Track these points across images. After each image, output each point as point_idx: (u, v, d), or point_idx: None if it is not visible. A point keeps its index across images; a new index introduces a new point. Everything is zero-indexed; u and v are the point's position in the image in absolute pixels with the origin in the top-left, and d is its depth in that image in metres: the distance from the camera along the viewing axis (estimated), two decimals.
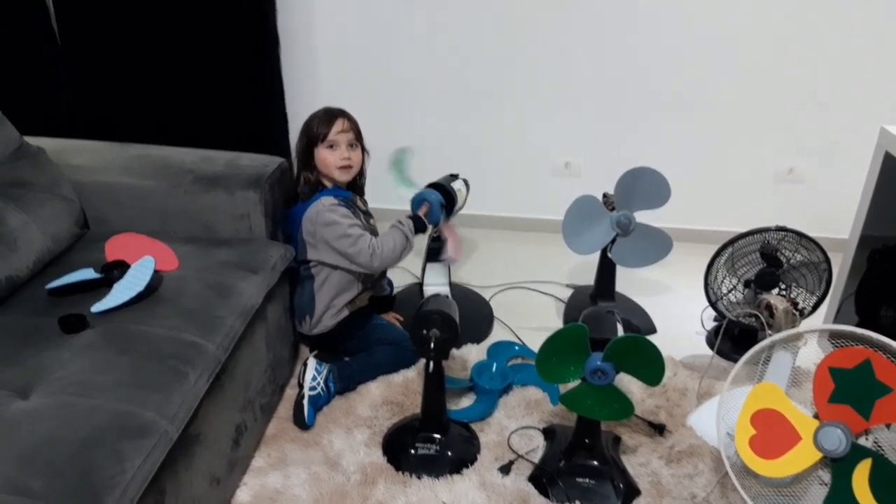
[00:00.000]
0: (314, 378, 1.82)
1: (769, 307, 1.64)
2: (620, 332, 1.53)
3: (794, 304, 1.67)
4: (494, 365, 1.95)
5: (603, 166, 2.72)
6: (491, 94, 2.65)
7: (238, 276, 1.61)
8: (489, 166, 2.77)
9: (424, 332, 1.57)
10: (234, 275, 1.61)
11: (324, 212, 1.82)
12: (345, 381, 1.88)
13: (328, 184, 1.92)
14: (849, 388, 1.29)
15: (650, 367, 1.43)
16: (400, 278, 2.48)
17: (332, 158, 1.87)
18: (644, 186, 2.01)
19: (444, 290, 2.30)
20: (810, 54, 2.46)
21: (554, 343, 1.44)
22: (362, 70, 2.64)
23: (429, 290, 2.28)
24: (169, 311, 1.45)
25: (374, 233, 1.95)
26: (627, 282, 2.40)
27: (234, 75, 2.51)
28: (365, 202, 2.03)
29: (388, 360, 1.95)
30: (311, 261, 1.88)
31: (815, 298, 1.99)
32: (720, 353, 2.16)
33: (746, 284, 2.02)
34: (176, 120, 2.59)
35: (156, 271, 1.55)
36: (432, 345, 1.56)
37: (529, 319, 2.30)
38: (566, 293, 2.47)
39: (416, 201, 2.00)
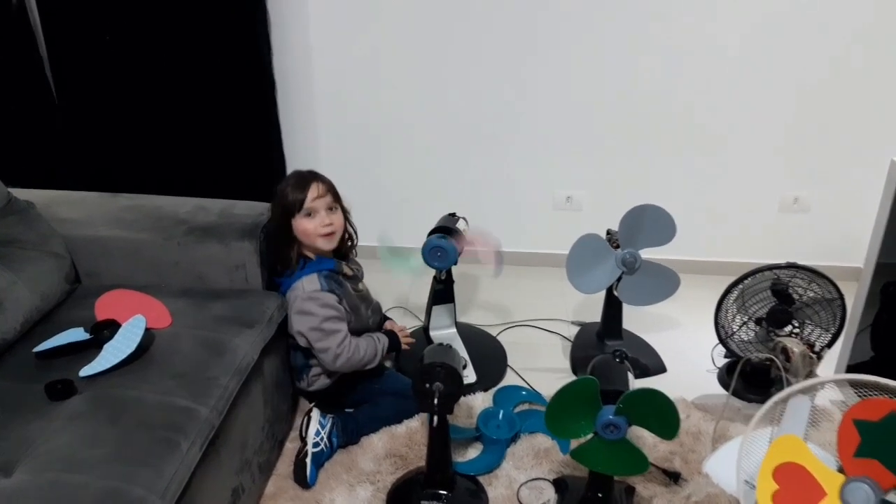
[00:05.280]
0: (318, 433, 1.75)
1: (785, 351, 1.59)
2: (632, 381, 1.46)
3: (811, 347, 1.61)
4: (501, 412, 1.88)
5: (605, 200, 2.69)
6: (491, 127, 2.61)
7: (233, 332, 1.55)
8: (489, 200, 2.73)
9: (427, 385, 1.50)
10: (228, 330, 1.56)
11: (304, 300, 1.73)
12: (349, 435, 1.81)
13: (311, 255, 1.81)
14: (875, 442, 1.22)
15: (664, 420, 1.37)
16: (402, 321, 2.41)
17: (311, 226, 1.75)
18: (649, 224, 1.96)
19: (451, 332, 2.24)
20: (814, 82, 2.42)
21: (563, 397, 1.38)
22: (358, 108, 2.60)
23: (434, 334, 2.22)
24: (160, 374, 1.39)
25: (366, 298, 1.89)
26: (634, 317, 2.34)
27: (230, 119, 2.47)
28: (355, 264, 1.95)
29: (394, 412, 1.88)
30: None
31: (829, 336, 1.93)
32: (733, 392, 2.09)
33: (758, 322, 1.96)
34: (170, 165, 2.55)
35: (147, 329, 1.49)
36: (436, 399, 1.49)
37: (535, 360, 2.24)
38: (572, 331, 2.41)
39: (429, 249, 1.95)
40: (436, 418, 1.55)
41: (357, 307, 1.85)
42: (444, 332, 2.25)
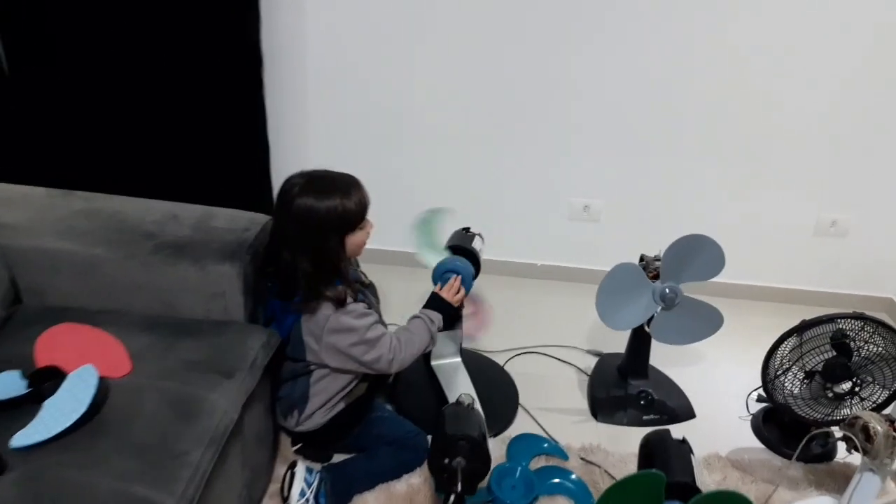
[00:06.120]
0: (303, 493, 1.48)
1: (866, 429, 1.36)
2: (695, 465, 1.21)
3: (892, 424, 1.39)
4: (518, 470, 1.62)
5: (625, 211, 2.44)
6: (502, 128, 2.31)
7: (208, 384, 1.26)
8: (499, 207, 2.45)
9: (447, 461, 1.24)
10: (202, 382, 1.26)
11: (338, 316, 1.45)
12: (338, 495, 1.54)
13: None
14: None
15: None
16: None
17: (364, 236, 1.50)
18: (700, 259, 1.71)
19: (455, 361, 1.97)
20: (858, 99, 2.18)
21: (623, 492, 1.12)
22: (356, 96, 2.28)
23: (436, 363, 1.95)
24: (115, 447, 1.10)
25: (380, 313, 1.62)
26: (653, 348, 2.08)
27: (207, 101, 2.12)
28: (360, 268, 1.68)
29: (392, 466, 1.61)
30: (309, 361, 1.53)
31: (887, 393, 1.70)
32: (768, 444, 1.89)
33: (808, 375, 1.72)
34: (135, 154, 2.19)
35: (100, 379, 1.19)
36: (459, 480, 1.22)
37: (549, 397, 1.99)
38: (587, 361, 2.16)
39: (442, 271, 1.67)
40: (453, 496, 1.28)
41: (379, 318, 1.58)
42: (447, 362, 1.97)
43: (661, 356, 2.08)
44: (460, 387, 1.89)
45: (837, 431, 1.69)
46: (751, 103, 2.21)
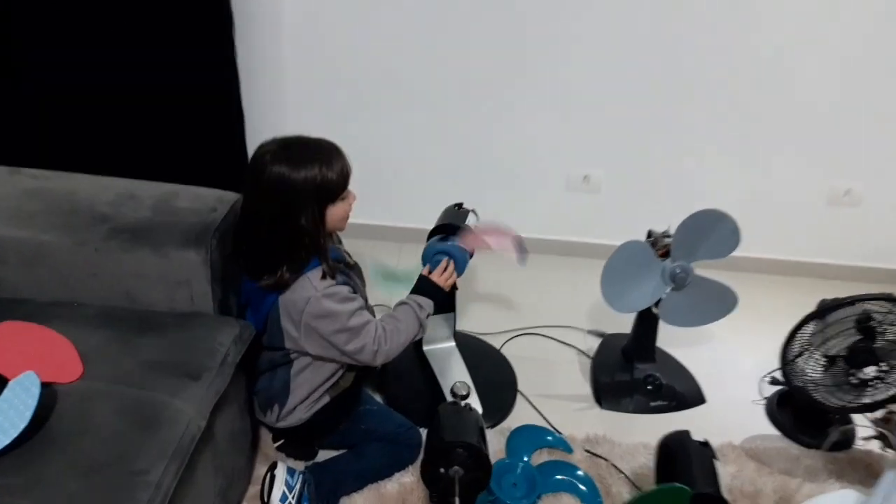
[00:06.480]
0: (284, 497, 1.35)
1: None
2: (720, 473, 1.09)
3: None
4: (520, 466, 1.50)
5: (628, 180, 2.29)
6: (496, 93, 2.14)
7: (171, 388, 1.11)
8: (493, 178, 2.30)
9: (443, 470, 1.10)
10: (164, 386, 1.12)
11: (319, 300, 1.29)
12: (324, 498, 1.41)
13: None
14: None
15: None
16: None
17: (347, 207, 1.35)
18: (714, 236, 1.57)
19: (449, 346, 1.84)
20: (869, 64, 2.03)
21: None
22: (338, 58, 2.10)
23: (428, 348, 1.82)
24: (63, 467, 0.96)
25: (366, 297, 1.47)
26: (661, 328, 1.95)
27: (172, 64, 1.92)
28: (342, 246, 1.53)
29: (382, 464, 1.49)
30: (288, 349, 1.38)
31: None
32: (784, 430, 1.77)
33: (831, 360, 1.60)
34: (92, 123, 1.99)
35: (46, 386, 1.04)
36: (457, 492, 1.09)
37: (549, 383, 1.86)
38: (589, 342, 2.03)
39: (432, 253, 1.51)
40: None
41: (365, 303, 1.44)
42: (440, 347, 1.85)
43: (668, 337, 1.94)
44: (455, 374, 1.77)
45: (860, 419, 1.61)
46: (760, 69, 2.06)
